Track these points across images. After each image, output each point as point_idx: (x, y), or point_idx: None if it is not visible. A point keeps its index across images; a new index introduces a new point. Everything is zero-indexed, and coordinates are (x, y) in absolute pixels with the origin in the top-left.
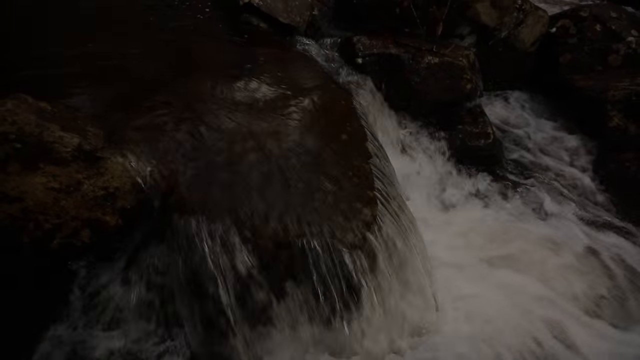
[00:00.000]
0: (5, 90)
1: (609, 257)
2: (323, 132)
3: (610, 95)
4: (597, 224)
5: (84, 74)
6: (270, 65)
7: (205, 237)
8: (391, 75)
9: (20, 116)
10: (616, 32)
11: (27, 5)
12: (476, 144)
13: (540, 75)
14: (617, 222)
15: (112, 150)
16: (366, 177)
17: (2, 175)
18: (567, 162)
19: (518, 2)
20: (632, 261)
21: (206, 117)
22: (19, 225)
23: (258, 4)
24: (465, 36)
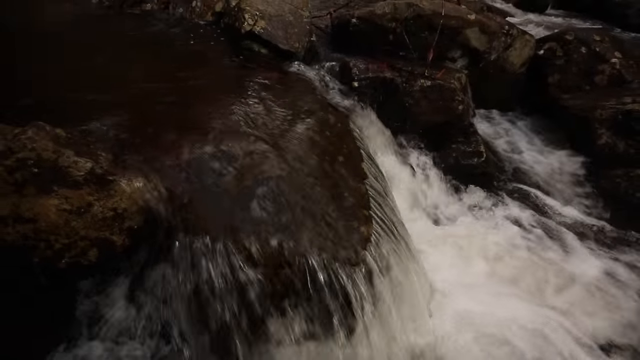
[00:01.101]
0: (23, 116)
1: (599, 272)
2: (321, 154)
3: (598, 114)
4: (589, 239)
5: (95, 101)
6: (270, 90)
7: (209, 256)
8: (386, 97)
9: (39, 143)
10: (600, 54)
11: (42, 40)
12: (469, 162)
13: (531, 95)
14: (608, 237)
15: (122, 173)
16: (362, 196)
17: (19, 197)
18: (559, 178)
19: (505, 28)
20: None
21: (209, 141)
22: (31, 245)
23: (259, 32)
24: (457, 59)
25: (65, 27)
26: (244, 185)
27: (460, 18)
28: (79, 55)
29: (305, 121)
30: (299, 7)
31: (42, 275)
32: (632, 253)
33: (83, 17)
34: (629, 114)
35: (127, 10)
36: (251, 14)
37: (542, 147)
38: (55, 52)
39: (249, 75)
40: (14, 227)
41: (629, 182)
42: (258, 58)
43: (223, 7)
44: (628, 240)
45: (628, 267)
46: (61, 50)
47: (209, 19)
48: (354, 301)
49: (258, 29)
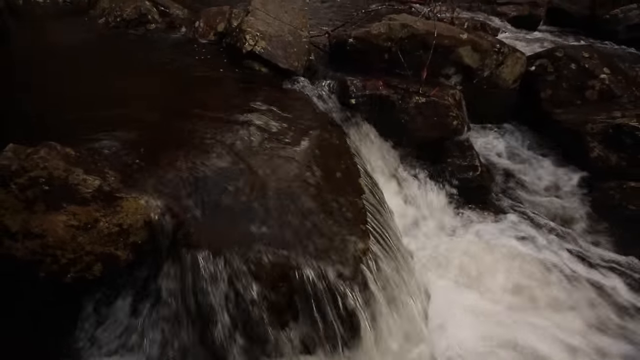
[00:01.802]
0: (35, 135)
1: (591, 285)
2: (319, 170)
3: (589, 128)
4: (582, 252)
5: (101, 120)
6: (270, 107)
7: (211, 270)
8: (383, 114)
9: (51, 162)
10: (590, 70)
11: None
12: (465, 176)
13: (525, 110)
14: (602, 249)
15: (128, 190)
16: (359, 211)
17: (29, 214)
18: (554, 191)
19: (497, 46)
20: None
21: (212, 157)
22: (38, 259)
23: (260, 52)
24: (451, 76)
25: (72, 48)
26: (244, 200)
27: (453, 37)
28: (86, 75)
29: (304, 138)
30: (298, 28)
31: (48, 289)
32: (628, 265)
33: (90, 38)
34: (619, 127)
35: (132, 30)
36: (252, 35)
37: (536, 160)
38: (63, 72)
39: (250, 94)
40: (23, 243)
41: (622, 194)
42: (259, 76)
43: (225, 28)
44: (624, 251)
45: (621, 279)
46: (69, 70)
47: (211, 39)
48: (352, 315)
49: (259, 49)
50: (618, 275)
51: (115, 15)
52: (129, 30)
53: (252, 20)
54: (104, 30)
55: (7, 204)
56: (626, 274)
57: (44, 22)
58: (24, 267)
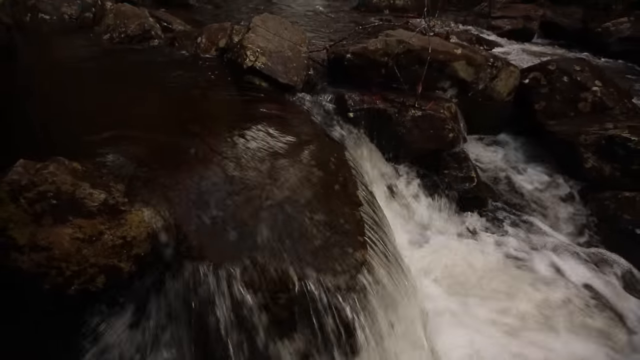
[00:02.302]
0: (42, 149)
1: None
2: (318, 183)
3: (583, 139)
4: (579, 261)
5: (106, 134)
6: (271, 121)
7: (212, 281)
8: (380, 127)
9: (59, 177)
10: (582, 83)
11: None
12: (462, 187)
13: (520, 121)
14: (598, 259)
15: (132, 203)
16: (357, 223)
17: (36, 227)
18: (549, 201)
19: (490, 60)
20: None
21: (214, 171)
22: (43, 272)
23: (260, 67)
24: (447, 89)
25: (78, 63)
26: (245, 213)
27: (448, 52)
28: (91, 90)
29: (304, 151)
30: (297, 44)
31: (51, 300)
32: (620, 275)
33: (95, 53)
34: (611, 139)
35: (136, 46)
36: (253, 51)
37: (532, 171)
38: (69, 86)
39: (251, 108)
40: (29, 255)
41: (617, 204)
42: (259, 91)
43: (226, 43)
44: (617, 262)
45: (614, 289)
46: (75, 85)
47: (212, 54)
48: (351, 325)
49: (259, 65)
50: (615, 285)
51: (120, 31)
52: (132, 45)
53: (252, 37)
54: (108, 46)
55: (16, 218)
56: (622, 283)
57: (51, 38)
58: (29, 279)
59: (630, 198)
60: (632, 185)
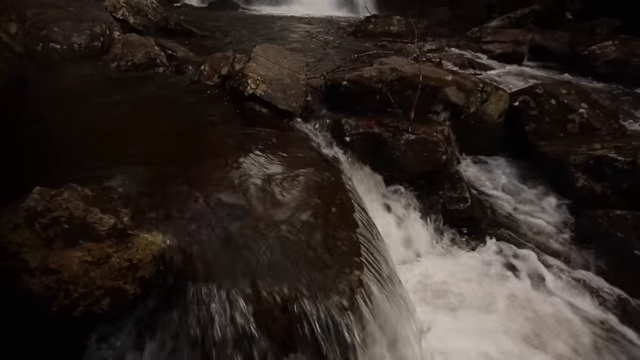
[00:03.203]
0: (54, 175)
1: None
2: (315, 206)
3: (572, 159)
4: (572, 280)
5: (113, 160)
6: (271, 146)
7: (215, 303)
8: (376, 150)
9: (72, 203)
10: (569, 105)
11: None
12: (456, 208)
13: (511, 142)
14: (592, 279)
15: (139, 226)
16: (353, 245)
17: (48, 250)
18: (543, 220)
19: (480, 86)
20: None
21: (216, 194)
22: (52, 294)
23: (261, 95)
24: (440, 112)
25: (87, 90)
26: (247, 235)
27: (439, 79)
28: (98, 116)
29: (302, 174)
30: (296, 71)
31: (58, 323)
32: (615, 294)
33: (104, 81)
34: (599, 159)
35: (141, 73)
36: (254, 79)
37: (525, 190)
38: (78, 113)
39: (251, 133)
40: (39, 278)
41: (610, 222)
42: (260, 117)
43: (228, 71)
44: (613, 280)
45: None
46: (84, 112)
47: (215, 81)
48: (349, 344)
49: (259, 92)
50: (607, 304)
51: (127, 59)
52: (139, 73)
53: (253, 66)
54: (116, 74)
55: (30, 242)
56: (614, 302)
57: (61, 66)
58: (38, 302)
59: (621, 216)
60: (623, 203)
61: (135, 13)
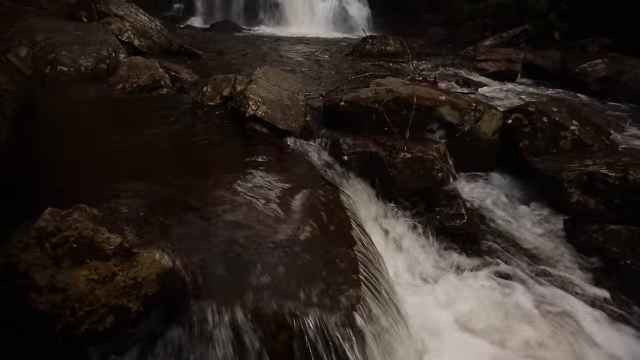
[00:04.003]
0: (61, 196)
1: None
2: (314, 224)
3: (565, 175)
4: (569, 294)
5: (119, 180)
6: (271, 165)
7: (216, 320)
8: (373, 168)
9: (81, 223)
10: (560, 123)
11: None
12: (453, 224)
13: (506, 158)
14: (589, 293)
15: (144, 245)
16: (351, 262)
17: (56, 269)
18: (539, 235)
19: (473, 105)
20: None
21: (218, 213)
22: (58, 313)
23: (261, 115)
24: (435, 130)
25: (93, 111)
26: (247, 253)
27: (433, 99)
28: (104, 137)
29: (301, 193)
30: (295, 92)
31: (61, 341)
32: (615, 311)
33: (109, 102)
34: (591, 175)
35: (146, 94)
36: (254, 101)
37: (521, 205)
38: (85, 134)
39: (252, 153)
40: (47, 297)
41: (605, 237)
42: (260, 137)
43: (230, 92)
44: (611, 295)
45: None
46: (90, 132)
47: (217, 102)
48: (347, 358)
49: (260, 113)
50: (603, 320)
51: (132, 81)
52: (143, 94)
53: (254, 88)
54: (121, 95)
55: (39, 261)
56: (611, 317)
57: (68, 88)
58: (42, 320)
59: (616, 231)
60: (617, 218)
61: (140, 36)
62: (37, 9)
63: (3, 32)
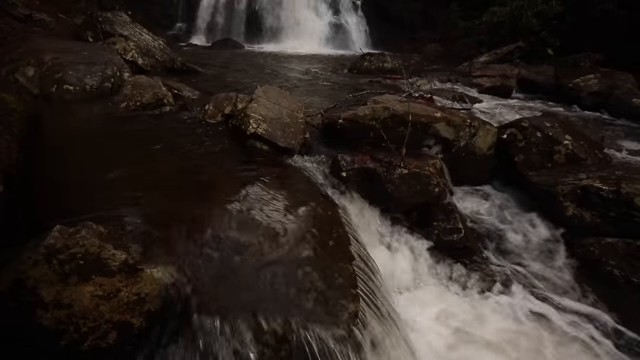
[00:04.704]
0: (68, 214)
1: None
2: (314, 239)
3: (560, 189)
4: (566, 308)
5: (123, 197)
6: (271, 181)
7: (219, 335)
8: (371, 184)
9: (89, 240)
10: (553, 137)
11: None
12: (450, 239)
13: (503, 172)
14: (587, 307)
15: (148, 262)
16: (349, 277)
17: (63, 285)
18: (536, 248)
19: (467, 121)
20: None
21: (220, 229)
22: (62, 329)
23: (262, 133)
24: (432, 146)
25: (98, 129)
26: (248, 269)
27: (428, 116)
28: (109, 154)
29: (301, 209)
30: (295, 110)
31: (63, 357)
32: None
33: (113, 120)
34: (585, 188)
35: (149, 112)
36: (255, 119)
37: (518, 219)
38: (90, 151)
39: (253, 169)
40: (52, 312)
41: (601, 249)
42: (261, 153)
43: (231, 110)
44: (609, 309)
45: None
46: (95, 149)
47: (218, 120)
48: None
49: (261, 131)
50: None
51: (136, 100)
52: (147, 112)
53: (255, 106)
54: (125, 113)
55: (47, 277)
56: (608, 330)
57: (73, 107)
58: (47, 336)
59: (612, 244)
60: (613, 231)
61: (143, 54)
62: (45, 29)
63: (12, 53)
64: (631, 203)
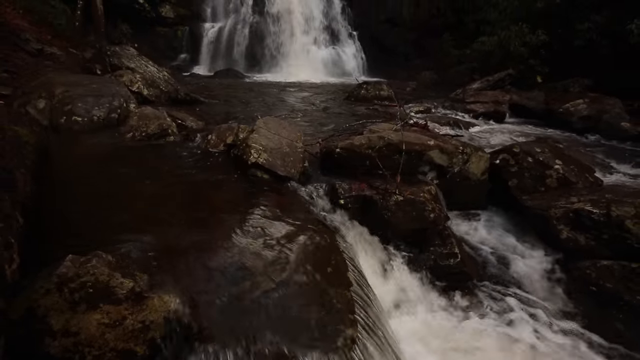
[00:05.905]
0: (77, 243)
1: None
2: (312, 267)
3: (553, 213)
4: (564, 332)
5: (128, 225)
6: (271, 210)
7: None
8: (367, 211)
9: (99, 269)
10: (544, 162)
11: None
12: (447, 263)
13: (497, 197)
14: (583, 329)
15: (154, 290)
16: (347, 303)
17: (72, 314)
18: (533, 272)
19: (460, 148)
20: None
21: (222, 257)
22: (68, 357)
23: (262, 163)
24: (427, 172)
25: (105, 158)
26: (249, 296)
27: (422, 144)
28: (115, 183)
29: (300, 236)
30: (294, 140)
31: None
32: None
33: (120, 149)
34: (577, 212)
35: (154, 142)
36: (256, 149)
37: (513, 242)
38: (97, 180)
39: (254, 198)
40: (60, 341)
41: (597, 272)
42: (261, 182)
43: (233, 140)
44: (606, 332)
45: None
46: (102, 179)
47: (221, 149)
48: None
49: (261, 160)
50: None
51: (142, 130)
52: (152, 142)
53: (256, 137)
54: (131, 143)
55: (57, 306)
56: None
57: (81, 137)
58: None
59: (608, 266)
60: (608, 253)
61: (149, 85)
62: (56, 63)
63: (25, 86)
64: (622, 225)
